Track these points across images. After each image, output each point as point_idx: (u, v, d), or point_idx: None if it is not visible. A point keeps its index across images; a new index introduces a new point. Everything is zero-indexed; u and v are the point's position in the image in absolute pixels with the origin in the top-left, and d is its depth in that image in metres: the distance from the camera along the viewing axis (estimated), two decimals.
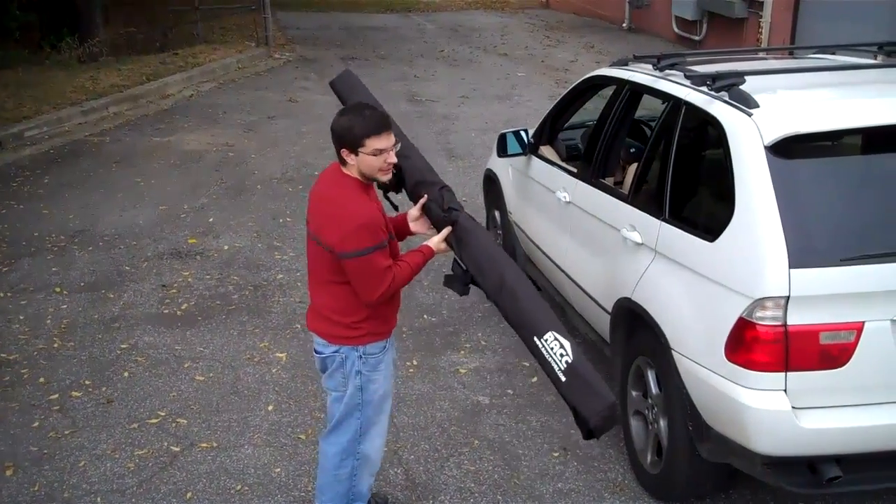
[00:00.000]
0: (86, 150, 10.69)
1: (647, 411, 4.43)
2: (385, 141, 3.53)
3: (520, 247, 6.30)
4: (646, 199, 4.60)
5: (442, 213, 3.76)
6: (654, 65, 4.92)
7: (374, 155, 3.52)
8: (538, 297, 3.69)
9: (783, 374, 3.64)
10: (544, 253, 5.77)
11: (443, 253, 3.80)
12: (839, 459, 3.69)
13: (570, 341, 3.49)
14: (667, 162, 4.47)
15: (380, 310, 3.70)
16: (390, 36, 19.21)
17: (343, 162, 3.60)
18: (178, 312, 6.49)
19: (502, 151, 6.15)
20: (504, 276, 3.64)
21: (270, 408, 5.27)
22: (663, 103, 4.75)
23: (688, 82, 4.46)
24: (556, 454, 4.80)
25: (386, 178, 3.63)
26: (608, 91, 5.45)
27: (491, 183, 6.87)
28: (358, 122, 3.51)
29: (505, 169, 6.54)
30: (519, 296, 3.61)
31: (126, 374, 5.66)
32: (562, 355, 3.44)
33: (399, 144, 3.69)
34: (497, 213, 6.77)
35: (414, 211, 3.86)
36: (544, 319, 3.56)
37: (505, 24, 21.00)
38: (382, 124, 3.54)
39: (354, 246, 3.47)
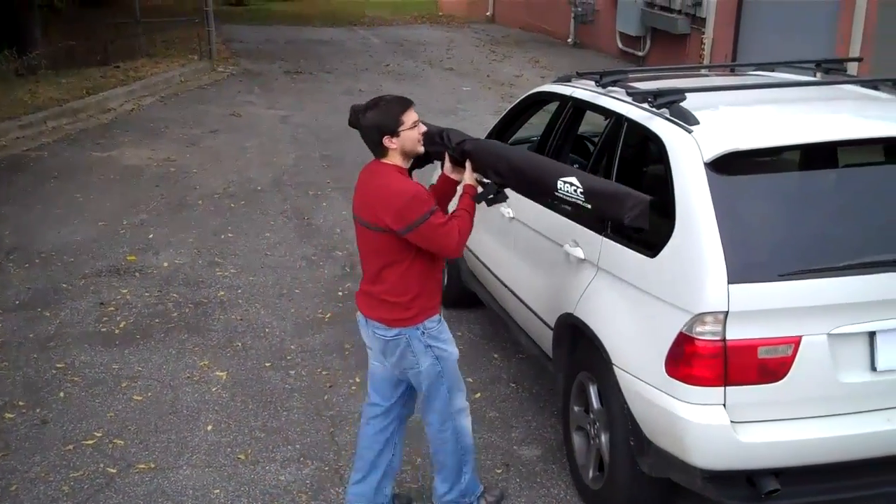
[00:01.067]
0: (23, 165, 10.46)
1: (589, 426, 4.43)
2: (414, 113, 3.96)
3: (464, 262, 6.28)
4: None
5: (455, 152, 4.11)
6: (596, 81, 4.95)
7: (413, 128, 3.91)
8: (534, 158, 4.14)
9: (722, 388, 3.67)
10: (488, 269, 5.76)
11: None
12: (777, 473, 3.72)
13: (573, 173, 3.79)
14: (609, 178, 4.48)
15: (427, 286, 4.02)
16: (336, 50, 19.15)
17: (384, 152, 3.94)
18: (116, 331, 6.37)
19: None
20: (509, 160, 4.00)
21: (209, 428, 5.18)
22: (606, 120, 4.78)
23: (629, 99, 4.49)
24: (498, 470, 4.78)
25: (422, 148, 3.99)
26: (552, 107, 5.47)
27: None
28: (389, 107, 3.92)
29: None
30: (523, 169, 3.96)
31: (62, 394, 5.53)
32: (576, 189, 3.72)
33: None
34: None
35: (447, 165, 4.18)
36: (548, 174, 3.86)
37: (451, 38, 21.05)
38: (406, 101, 3.98)
39: (413, 217, 3.79)
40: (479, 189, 4.07)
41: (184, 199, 9.24)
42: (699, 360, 3.66)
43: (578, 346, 4.48)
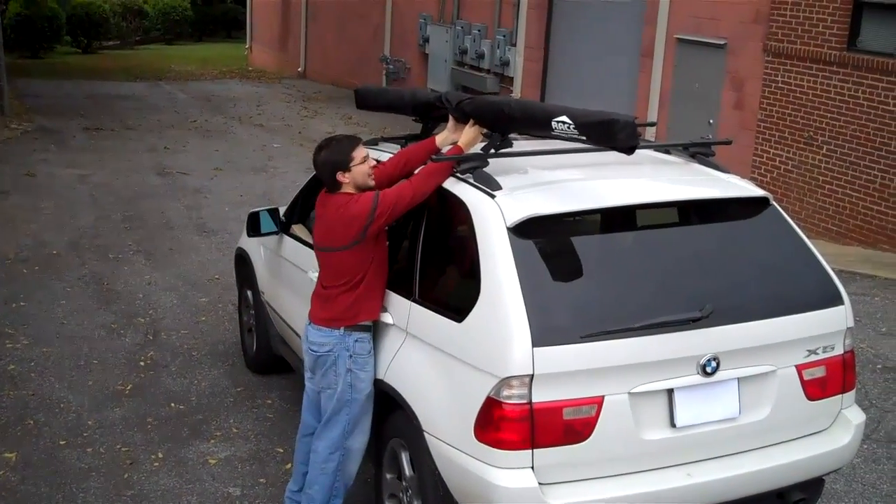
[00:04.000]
0: None
1: (401, 494, 4.37)
2: (363, 149, 4.38)
3: (272, 327, 6.13)
4: (396, 279, 4.59)
5: (457, 111, 4.52)
6: (402, 145, 4.96)
7: (362, 162, 4.30)
8: (527, 105, 4.60)
9: (530, 451, 3.70)
10: (297, 334, 5.63)
11: (477, 138, 4.45)
12: None
13: (563, 111, 4.06)
14: (416, 243, 4.49)
15: (369, 290, 4.34)
16: (139, 105, 18.61)
17: (338, 186, 4.32)
18: None
19: (253, 230, 5.98)
20: (502, 109, 4.33)
21: None
22: None
23: None
24: None
25: (372, 182, 4.35)
26: None
27: (242, 262, 6.68)
28: (338, 146, 4.35)
29: (257, 248, 6.39)
30: (516, 116, 4.29)
31: None
32: (569, 126, 4.00)
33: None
34: (249, 293, 6.58)
35: (451, 124, 4.59)
36: (542, 115, 4.19)
37: (261, 94, 20.89)
38: (355, 139, 4.42)
39: (367, 210, 4.19)
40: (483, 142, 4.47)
41: None
42: (507, 423, 3.69)
43: (390, 412, 4.43)
